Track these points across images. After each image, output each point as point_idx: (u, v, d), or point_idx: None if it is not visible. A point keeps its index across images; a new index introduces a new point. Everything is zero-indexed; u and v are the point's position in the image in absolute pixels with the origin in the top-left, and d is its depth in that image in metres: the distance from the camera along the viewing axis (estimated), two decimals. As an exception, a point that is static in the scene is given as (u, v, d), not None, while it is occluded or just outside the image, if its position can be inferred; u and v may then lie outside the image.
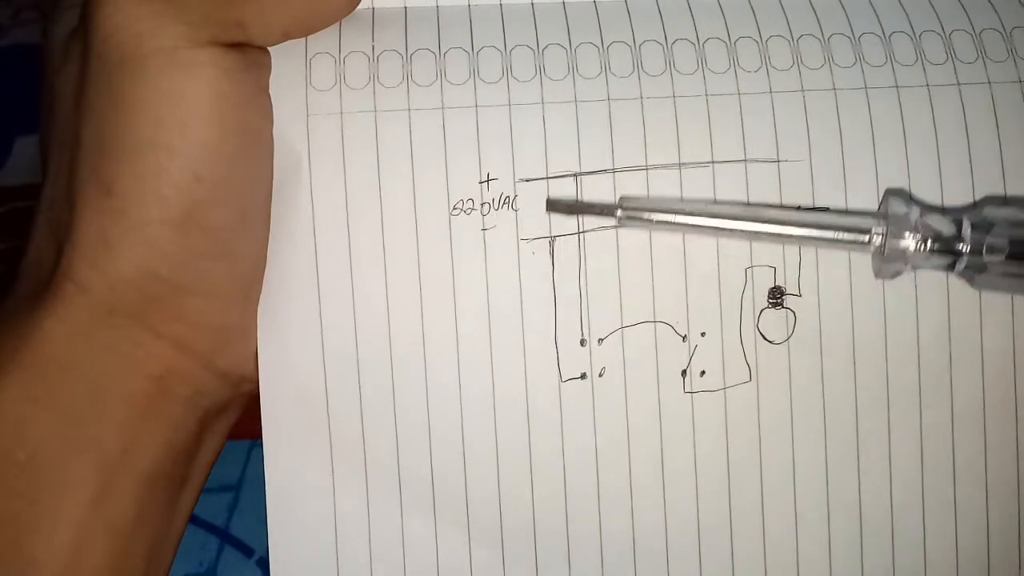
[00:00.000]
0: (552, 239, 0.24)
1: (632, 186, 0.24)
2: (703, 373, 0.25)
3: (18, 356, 0.21)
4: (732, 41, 0.25)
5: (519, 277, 0.24)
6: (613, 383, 0.24)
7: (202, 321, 0.23)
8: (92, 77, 0.21)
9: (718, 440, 0.25)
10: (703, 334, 0.25)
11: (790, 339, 0.25)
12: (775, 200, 0.24)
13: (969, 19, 0.26)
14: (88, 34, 0.21)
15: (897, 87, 0.25)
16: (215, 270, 0.22)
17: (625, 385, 0.24)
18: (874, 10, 0.26)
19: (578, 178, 0.24)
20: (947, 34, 0.25)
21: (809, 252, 0.25)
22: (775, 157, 0.24)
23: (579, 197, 0.24)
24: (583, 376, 0.24)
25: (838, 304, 0.25)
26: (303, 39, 0.24)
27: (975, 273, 0.23)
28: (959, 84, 0.25)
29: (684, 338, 0.24)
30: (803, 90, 0.25)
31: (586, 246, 0.24)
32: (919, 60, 0.25)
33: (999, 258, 0.22)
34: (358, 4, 0.23)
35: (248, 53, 0.22)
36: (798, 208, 0.24)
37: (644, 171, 0.24)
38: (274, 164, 0.23)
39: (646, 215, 0.23)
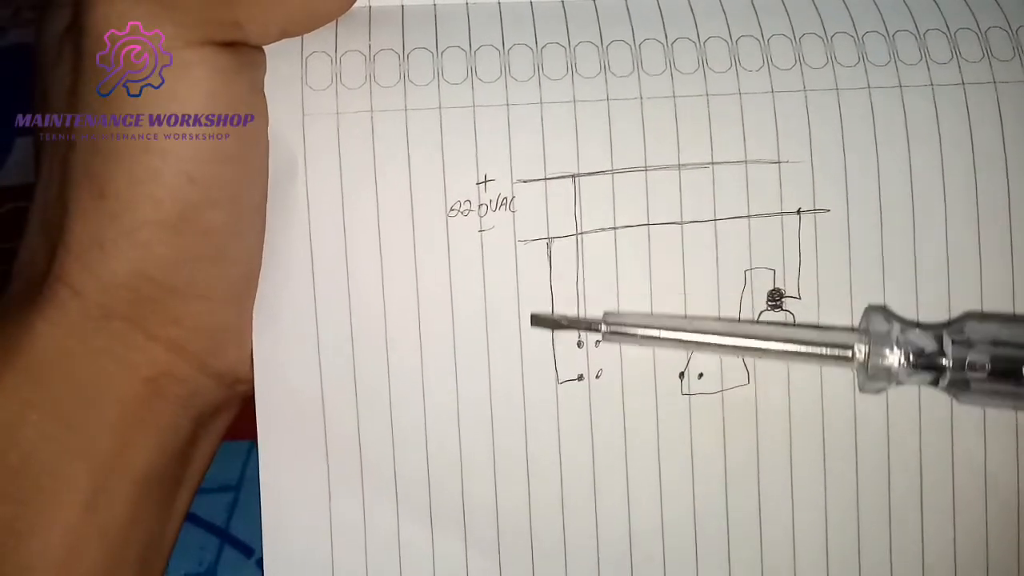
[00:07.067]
0: (550, 240, 0.24)
1: (631, 188, 0.24)
2: (701, 375, 0.24)
3: (10, 359, 0.21)
4: (734, 40, 0.25)
5: (516, 279, 0.24)
6: (610, 385, 0.24)
7: (196, 323, 0.22)
8: (85, 76, 0.21)
9: (715, 442, 0.25)
10: (701, 336, 0.24)
11: None
12: (775, 202, 0.24)
13: (975, 17, 0.25)
14: (81, 33, 0.21)
15: (900, 87, 0.25)
16: (209, 272, 0.22)
17: (622, 387, 0.24)
18: (878, 8, 0.25)
19: (576, 179, 0.24)
20: (952, 32, 0.25)
21: (809, 254, 0.24)
22: (776, 158, 0.24)
23: (578, 205, 0.24)
24: (580, 378, 0.24)
25: (837, 306, 0.24)
26: (299, 38, 0.23)
27: (958, 391, 0.23)
28: (963, 84, 0.25)
29: None
30: (805, 90, 0.24)
31: (584, 248, 0.24)
32: (923, 59, 0.25)
33: (981, 375, 0.23)
34: (355, 2, 0.23)
35: (243, 52, 0.22)
36: (778, 324, 0.24)
37: (643, 172, 0.24)
38: (269, 165, 0.23)
39: (629, 330, 0.23)
